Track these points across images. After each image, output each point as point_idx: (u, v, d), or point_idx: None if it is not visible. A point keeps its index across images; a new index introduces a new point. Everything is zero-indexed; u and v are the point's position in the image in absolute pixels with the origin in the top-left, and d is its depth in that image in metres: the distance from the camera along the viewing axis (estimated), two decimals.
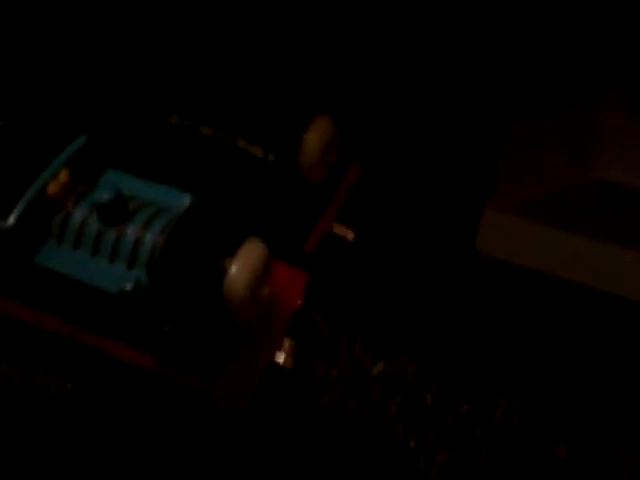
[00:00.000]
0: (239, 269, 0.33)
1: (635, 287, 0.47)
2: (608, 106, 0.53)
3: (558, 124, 0.55)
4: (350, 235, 0.46)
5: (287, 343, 0.38)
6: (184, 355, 0.35)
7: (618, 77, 0.54)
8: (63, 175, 0.36)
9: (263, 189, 0.41)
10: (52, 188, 0.35)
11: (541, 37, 0.54)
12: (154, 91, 0.43)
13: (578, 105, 0.55)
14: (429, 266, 0.48)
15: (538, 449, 0.39)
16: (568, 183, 0.48)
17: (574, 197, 0.48)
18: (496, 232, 0.49)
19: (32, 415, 0.39)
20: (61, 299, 0.36)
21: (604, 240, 0.48)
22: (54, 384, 0.41)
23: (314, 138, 0.41)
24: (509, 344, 0.44)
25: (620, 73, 0.54)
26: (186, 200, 0.37)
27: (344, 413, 0.41)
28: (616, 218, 0.48)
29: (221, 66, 0.45)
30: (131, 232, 0.34)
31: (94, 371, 0.39)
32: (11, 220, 0.33)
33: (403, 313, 0.45)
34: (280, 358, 0.38)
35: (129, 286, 0.33)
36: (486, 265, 0.49)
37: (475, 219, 0.51)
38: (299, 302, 0.40)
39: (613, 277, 0.48)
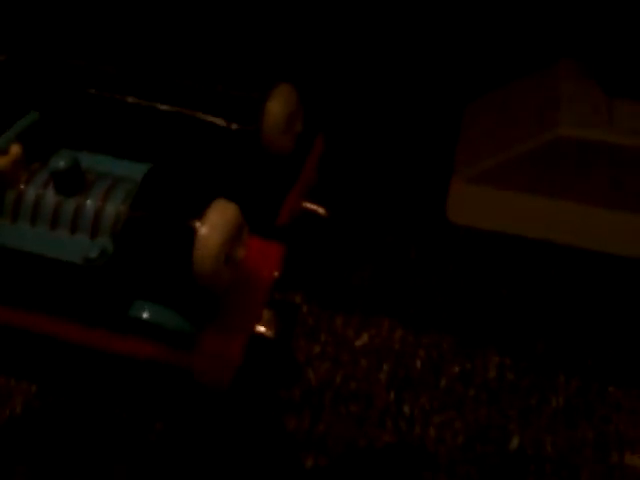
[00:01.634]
0: (209, 228, 0.31)
1: (598, 239, 0.49)
2: (557, 74, 0.55)
3: (512, 96, 0.57)
4: (322, 210, 0.44)
5: (267, 314, 0.36)
6: (157, 327, 0.33)
7: (564, 46, 0.55)
8: (14, 150, 0.33)
9: (228, 158, 0.40)
10: (2, 162, 0.33)
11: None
12: (108, 71, 0.41)
13: (529, 77, 0.57)
14: (403, 237, 0.47)
15: (536, 401, 0.38)
16: (526, 146, 0.50)
17: (534, 158, 0.50)
18: (465, 202, 0.50)
19: None
20: (21, 281, 0.33)
21: (565, 197, 0.50)
22: (16, 390, 0.39)
23: (277, 106, 0.40)
24: (491, 304, 0.43)
25: (567, 41, 0.54)
26: (144, 170, 0.35)
27: (331, 387, 0.39)
28: (575, 174, 0.49)
29: (177, 41, 0.44)
30: (91, 201, 0.32)
31: (62, 365, 0.36)
32: None
33: (383, 285, 0.44)
34: (261, 329, 0.36)
35: (94, 253, 0.31)
36: (459, 233, 0.48)
37: (443, 191, 0.51)
38: (276, 273, 0.38)
39: (578, 232, 0.49)
